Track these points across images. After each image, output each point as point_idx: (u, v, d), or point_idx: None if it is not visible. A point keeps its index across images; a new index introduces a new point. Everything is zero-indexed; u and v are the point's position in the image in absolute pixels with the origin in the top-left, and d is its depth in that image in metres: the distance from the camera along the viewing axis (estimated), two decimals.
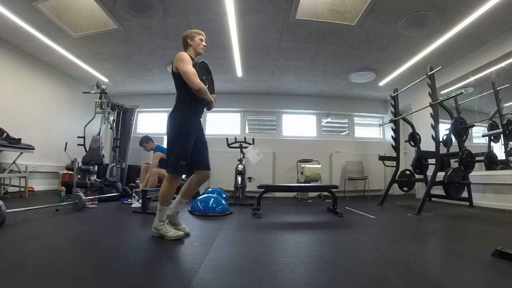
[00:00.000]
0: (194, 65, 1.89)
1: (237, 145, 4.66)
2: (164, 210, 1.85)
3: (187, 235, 1.93)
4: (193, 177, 1.99)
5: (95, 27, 3.67)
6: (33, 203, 2.84)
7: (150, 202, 3.20)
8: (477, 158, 3.45)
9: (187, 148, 1.85)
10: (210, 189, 4.27)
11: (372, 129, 6.68)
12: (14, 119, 4.10)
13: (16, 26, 3.53)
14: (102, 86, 4.49)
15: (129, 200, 3.79)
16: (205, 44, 2.12)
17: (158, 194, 1.88)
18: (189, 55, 1.94)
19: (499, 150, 3.73)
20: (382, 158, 4.33)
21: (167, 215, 1.92)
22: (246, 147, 4.57)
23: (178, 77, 1.86)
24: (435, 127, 3.36)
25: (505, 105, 3.65)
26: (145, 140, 4.16)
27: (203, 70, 2.03)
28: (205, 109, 2.04)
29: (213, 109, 2.08)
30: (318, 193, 5.46)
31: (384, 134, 6.52)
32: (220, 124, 6.30)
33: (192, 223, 2.49)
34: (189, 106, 1.90)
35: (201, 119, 2.05)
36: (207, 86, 1.92)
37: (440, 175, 3.41)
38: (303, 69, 4.92)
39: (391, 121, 4.36)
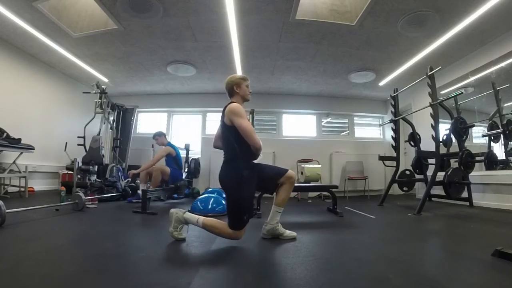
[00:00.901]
0: (248, 118, 1.82)
1: None
2: (191, 222, 1.80)
3: (294, 237, 1.93)
4: (284, 185, 1.89)
5: (95, 27, 3.67)
6: (33, 203, 2.84)
7: (150, 202, 3.20)
8: (477, 158, 3.45)
9: (249, 202, 1.78)
10: (210, 189, 4.26)
11: (372, 129, 6.68)
12: (14, 119, 4.10)
13: (16, 26, 3.53)
14: (102, 86, 4.49)
15: (133, 200, 3.79)
16: (251, 90, 1.98)
17: (215, 226, 1.77)
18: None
19: (499, 150, 3.73)
20: (382, 158, 4.33)
21: (268, 230, 1.91)
22: None
23: (232, 131, 1.77)
24: (435, 127, 3.36)
25: (505, 105, 3.65)
26: (159, 134, 4.25)
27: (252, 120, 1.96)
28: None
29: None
30: (318, 193, 5.46)
31: (384, 134, 6.52)
32: (218, 122, 6.30)
33: None
34: (245, 161, 1.80)
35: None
36: None
37: (440, 175, 3.41)
38: (303, 69, 4.92)
39: (391, 121, 4.36)
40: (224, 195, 4.12)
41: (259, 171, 1.87)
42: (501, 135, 3.57)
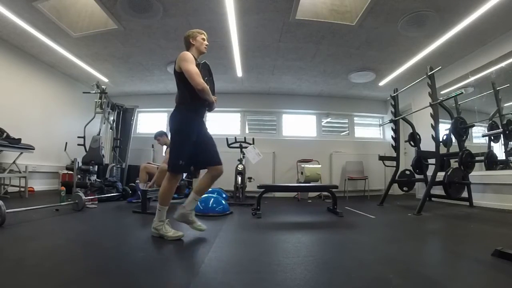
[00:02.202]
0: (197, 65, 1.89)
1: (237, 145, 4.65)
2: (163, 210, 1.84)
3: (203, 230, 1.94)
4: (206, 174, 1.96)
5: (95, 27, 3.67)
6: (33, 203, 2.84)
7: (150, 202, 3.20)
8: (477, 158, 3.45)
9: (186, 148, 1.85)
10: (210, 189, 4.26)
11: (372, 129, 6.68)
12: (14, 119, 4.10)
13: (16, 26, 3.53)
14: (102, 86, 4.48)
15: (133, 200, 3.78)
16: (207, 43, 2.11)
17: (160, 193, 1.88)
18: (192, 55, 1.93)
19: (499, 150, 3.73)
20: (382, 158, 4.33)
21: (182, 214, 1.92)
22: (246, 147, 4.57)
23: (181, 77, 1.85)
24: (435, 127, 3.36)
25: (505, 105, 3.65)
26: (160, 134, 4.26)
27: (205, 71, 2.03)
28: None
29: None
30: (318, 193, 5.46)
31: (384, 134, 6.52)
32: (220, 124, 6.30)
33: None
34: (190, 106, 1.89)
35: (206, 122, 2.03)
36: (209, 87, 1.90)
37: (440, 175, 3.41)
38: (303, 69, 4.92)
39: (391, 121, 4.36)
40: (224, 195, 4.14)
41: (201, 139, 1.92)
42: (501, 135, 3.56)
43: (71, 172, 4.39)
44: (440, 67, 3.42)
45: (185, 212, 1.92)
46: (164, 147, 4.24)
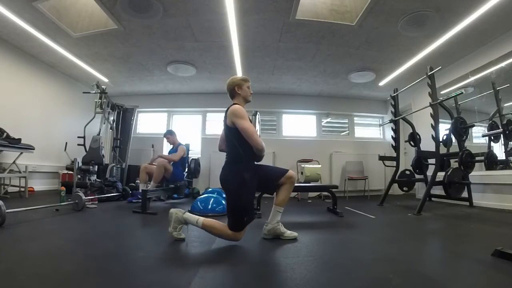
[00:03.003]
0: (250, 120, 1.82)
1: None
2: (191, 222, 1.80)
3: (295, 238, 1.92)
4: (282, 186, 1.89)
5: (95, 27, 3.67)
6: (33, 203, 2.84)
7: (150, 202, 3.20)
8: (477, 158, 3.45)
9: (249, 204, 1.79)
10: (210, 189, 4.27)
11: (372, 129, 6.68)
12: (14, 119, 4.10)
13: (16, 26, 3.53)
14: (102, 86, 4.48)
15: (133, 200, 3.78)
16: (252, 91, 1.99)
17: (215, 227, 1.77)
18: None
19: (499, 150, 3.73)
20: (382, 158, 4.33)
21: (269, 229, 1.91)
22: None
23: (235, 133, 1.77)
24: (435, 127, 3.36)
25: (505, 105, 3.65)
26: (170, 133, 4.36)
27: (257, 122, 1.97)
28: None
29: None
30: (318, 193, 5.46)
31: (384, 134, 6.52)
32: (220, 124, 6.29)
33: None
34: (246, 165, 1.80)
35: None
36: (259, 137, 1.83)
37: (440, 175, 3.41)
38: (303, 69, 4.92)
39: (391, 121, 4.36)
40: (224, 195, 4.14)
41: (259, 171, 1.87)
42: (501, 135, 3.56)
43: (71, 172, 4.39)
44: (440, 67, 3.42)
45: (272, 227, 1.90)
46: (165, 147, 4.26)
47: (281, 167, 2.00)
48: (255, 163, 1.88)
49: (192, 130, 6.36)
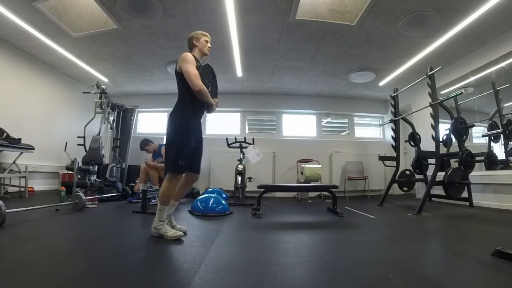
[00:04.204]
0: (198, 67, 1.89)
1: (237, 145, 4.65)
2: (163, 210, 1.84)
3: (185, 234, 1.94)
4: (182, 179, 1.97)
5: (95, 27, 3.67)
6: (33, 203, 2.84)
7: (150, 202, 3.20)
8: (477, 158, 3.45)
9: (186, 148, 1.85)
10: (210, 189, 4.27)
11: (372, 129, 6.68)
12: (14, 119, 4.09)
13: (16, 26, 3.53)
14: (102, 86, 4.48)
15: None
16: (210, 45, 2.11)
17: (160, 193, 1.88)
18: (194, 56, 1.94)
19: (499, 150, 3.73)
20: (382, 158, 4.32)
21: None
22: (246, 147, 4.57)
23: (181, 77, 1.86)
24: (435, 127, 3.36)
25: (505, 105, 3.65)
26: (145, 143, 4.21)
27: (207, 73, 2.01)
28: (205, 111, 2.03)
29: None
30: (318, 193, 5.46)
31: (384, 134, 6.52)
32: (220, 124, 6.30)
33: (192, 223, 2.49)
34: (189, 107, 1.90)
35: (201, 121, 2.04)
36: (209, 89, 1.90)
37: (440, 175, 3.41)
38: (303, 69, 4.92)
39: (391, 121, 4.36)
40: (224, 195, 4.14)
41: (195, 142, 1.94)
42: (501, 135, 3.56)
43: (71, 172, 4.39)
44: (440, 67, 3.42)
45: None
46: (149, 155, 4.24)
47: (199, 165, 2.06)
48: (207, 113, 2.03)
49: None
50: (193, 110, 1.93)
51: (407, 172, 4.36)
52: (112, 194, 3.91)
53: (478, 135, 4.18)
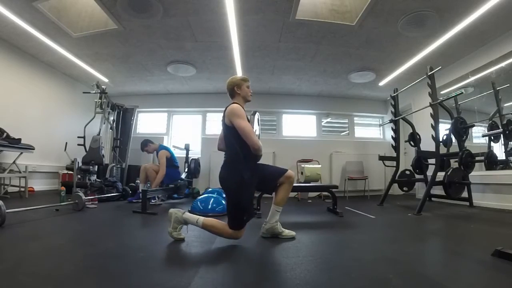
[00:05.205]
0: (248, 119, 1.84)
1: None
2: (193, 222, 1.79)
3: (293, 237, 1.93)
4: (280, 186, 1.91)
5: (95, 27, 3.67)
6: (33, 203, 2.84)
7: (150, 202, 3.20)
8: (477, 158, 3.45)
9: (248, 202, 1.79)
10: (210, 189, 4.26)
11: (372, 129, 6.68)
12: (14, 119, 4.09)
13: (16, 26, 3.53)
14: (102, 86, 4.48)
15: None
16: (251, 91, 2.00)
17: (215, 226, 1.79)
18: (240, 106, 1.86)
19: (499, 150, 3.73)
20: (382, 158, 4.32)
21: (268, 229, 1.92)
22: None
23: (232, 132, 1.78)
24: (435, 127, 3.36)
25: (505, 105, 3.65)
26: (145, 144, 4.18)
27: (256, 122, 1.96)
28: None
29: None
30: (318, 193, 5.46)
31: (384, 134, 6.52)
32: (220, 124, 6.29)
33: None
34: (244, 162, 1.79)
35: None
36: (259, 138, 1.84)
37: (440, 175, 3.41)
38: (303, 69, 4.92)
39: (391, 121, 4.36)
40: (224, 195, 4.13)
41: (259, 171, 1.88)
42: (501, 135, 3.56)
43: (71, 172, 4.40)
44: (440, 67, 3.42)
45: (270, 226, 1.92)
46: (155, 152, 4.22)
47: (281, 167, 2.00)
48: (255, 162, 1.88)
49: (192, 130, 6.37)
50: (249, 165, 1.82)
51: (407, 172, 4.36)
52: (112, 194, 3.91)
53: (478, 135, 4.18)
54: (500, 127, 3.55)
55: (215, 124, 6.24)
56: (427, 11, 3.11)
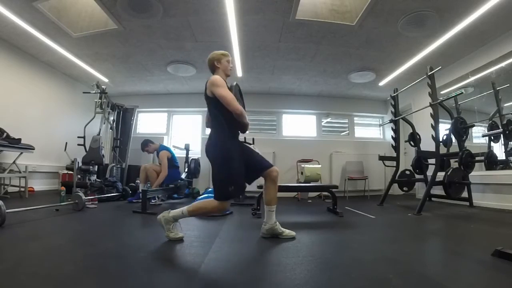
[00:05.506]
0: (229, 88, 1.85)
1: None
2: (185, 216, 1.81)
3: (294, 238, 1.93)
4: (266, 181, 1.97)
5: (95, 27, 3.67)
6: (33, 203, 2.84)
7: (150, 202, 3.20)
8: (477, 158, 3.45)
9: (236, 172, 1.79)
10: (210, 189, 4.26)
11: (372, 129, 6.68)
12: (14, 119, 4.09)
13: (16, 26, 3.53)
14: (102, 86, 4.48)
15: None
16: (232, 65, 2.05)
17: (199, 207, 1.83)
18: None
19: (499, 150, 3.73)
20: (382, 158, 4.32)
21: (267, 229, 1.92)
22: None
23: (214, 102, 1.80)
24: (435, 127, 3.36)
25: (505, 105, 3.65)
26: (145, 144, 4.18)
27: (237, 93, 1.96)
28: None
29: None
30: (318, 193, 5.46)
31: (384, 134, 6.52)
32: None
33: (192, 223, 2.49)
34: (228, 131, 1.82)
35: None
36: None
37: (440, 175, 3.41)
38: (303, 69, 4.92)
39: (391, 121, 4.36)
40: None
41: (246, 151, 1.91)
42: (501, 135, 3.56)
43: (71, 172, 4.40)
44: (440, 67, 3.42)
45: (269, 226, 1.93)
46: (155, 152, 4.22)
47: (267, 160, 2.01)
48: (239, 135, 1.93)
49: (192, 130, 6.37)
50: (232, 134, 1.86)
51: (407, 172, 4.36)
52: (112, 194, 3.91)
53: (478, 135, 4.18)
54: (500, 127, 3.55)
55: None
56: (427, 11, 3.11)
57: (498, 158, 3.54)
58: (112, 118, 4.92)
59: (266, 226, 1.94)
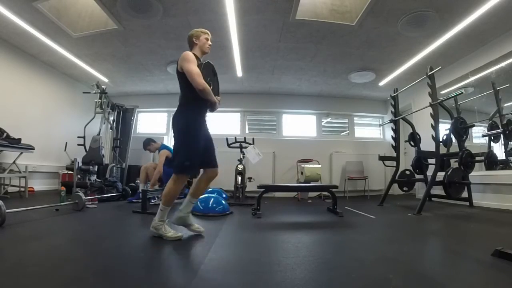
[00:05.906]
0: (199, 65, 1.87)
1: (237, 145, 4.65)
2: (165, 210, 1.84)
3: (200, 235, 1.95)
4: (202, 175, 1.99)
5: (95, 27, 3.67)
6: (33, 203, 2.84)
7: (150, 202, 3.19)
8: (477, 158, 3.45)
9: (192, 148, 1.83)
10: (210, 189, 4.26)
11: (372, 129, 6.68)
12: (14, 119, 4.10)
13: (16, 26, 3.53)
14: (102, 86, 4.48)
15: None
16: (210, 43, 2.10)
17: (162, 194, 1.87)
18: (195, 55, 1.92)
19: (499, 150, 3.73)
20: (382, 158, 4.32)
21: (179, 217, 1.93)
22: (246, 147, 4.57)
23: (182, 77, 1.84)
24: (435, 127, 3.36)
25: (505, 105, 3.64)
26: (147, 143, 4.21)
27: (209, 71, 1.99)
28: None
29: None
30: (318, 193, 5.46)
31: (384, 134, 6.52)
32: (220, 124, 6.30)
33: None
34: (192, 106, 1.87)
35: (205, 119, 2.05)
36: (211, 87, 1.89)
37: (440, 175, 3.41)
38: (303, 69, 4.92)
39: (391, 121, 4.36)
40: (224, 195, 4.14)
41: (206, 139, 1.95)
42: (501, 135, 3.56)
43: (71, 172, 4.39)
44: (440, 67, 3.42)
45: (182, 215, 1.94)
46: (157, 151, 4.23)
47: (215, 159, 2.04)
48: (210, 112, 1.97)
49: None
50: (197, 110, 1.91)
51: (407, 172, 4.36)
52: (112, 194, 3.91)
53: (478, 135, 4.18)
54: (500, 127, 3.55)
55: (215, 124, 6.23)
56: (427, 11, 3.11)
57: (498, 158, 3.54)
58: (112, 118, 4.92)
59: (180, 214, 1.95)
